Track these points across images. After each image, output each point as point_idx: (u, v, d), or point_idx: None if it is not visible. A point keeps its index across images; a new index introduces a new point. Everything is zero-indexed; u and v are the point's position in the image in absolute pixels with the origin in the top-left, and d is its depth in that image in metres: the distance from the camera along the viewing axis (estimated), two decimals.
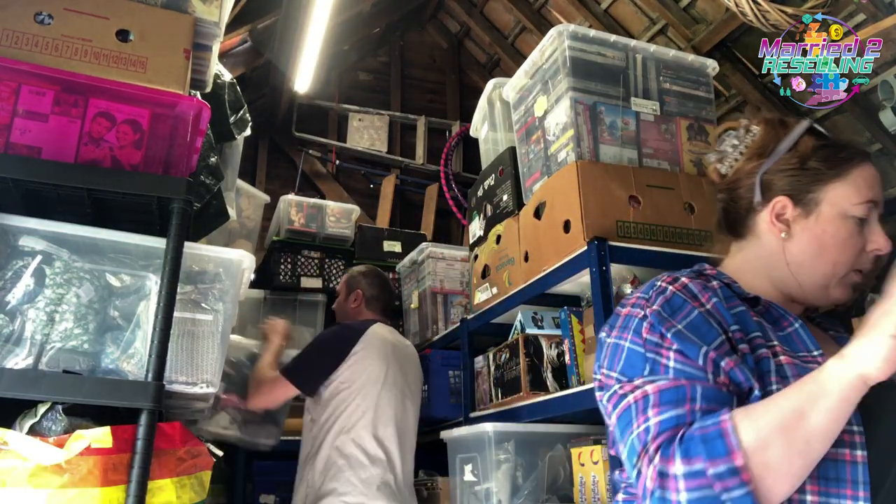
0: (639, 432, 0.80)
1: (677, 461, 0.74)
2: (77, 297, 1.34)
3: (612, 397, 0.88)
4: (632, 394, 0.84)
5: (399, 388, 2.23)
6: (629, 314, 0.93)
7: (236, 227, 3.02)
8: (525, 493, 1.93)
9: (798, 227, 0.97)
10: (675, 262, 1.74)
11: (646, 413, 0.81)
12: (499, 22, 4.45)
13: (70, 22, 1.42)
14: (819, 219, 0.96)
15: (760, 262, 1.01)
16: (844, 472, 0.80)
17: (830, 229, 0.95)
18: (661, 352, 0.86)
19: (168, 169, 1.44)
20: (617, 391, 0.87)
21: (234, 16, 3.08)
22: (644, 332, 0.88)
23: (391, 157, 4.62)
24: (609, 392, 0.90)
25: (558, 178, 1.84)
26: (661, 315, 0.88)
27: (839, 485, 0.80)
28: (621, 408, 0.85)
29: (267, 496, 2.93)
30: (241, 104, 2.20)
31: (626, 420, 0.83)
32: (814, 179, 0.97)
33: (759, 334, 0.90)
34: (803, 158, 0.98)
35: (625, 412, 0.84)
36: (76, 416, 1.27)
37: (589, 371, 1.78)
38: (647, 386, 0.83)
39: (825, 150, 0.99)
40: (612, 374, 0.90)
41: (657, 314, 0.89)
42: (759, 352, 0.87)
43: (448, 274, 3.07)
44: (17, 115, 1.35)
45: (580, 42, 1.90)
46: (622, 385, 0.87)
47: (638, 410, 0.82)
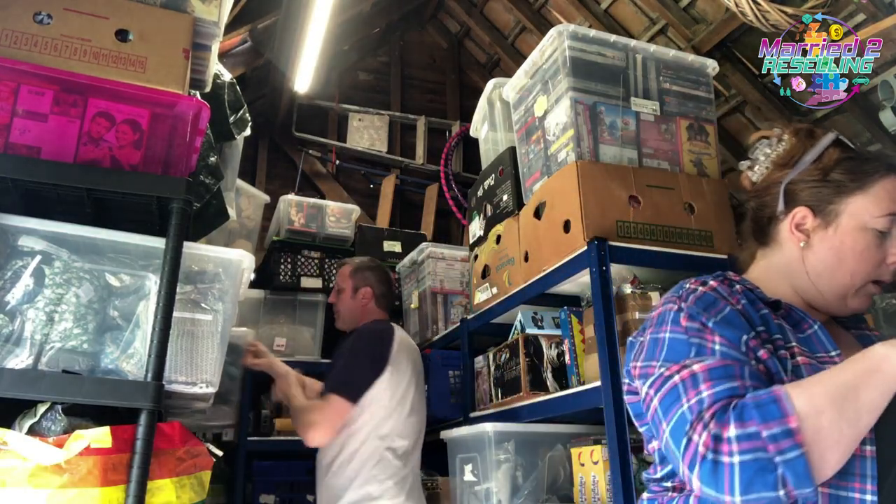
0: (691, 404, 0.82)
1: (731, 425, 0.76)
2: (77, 297, 1.34)
3: (655, 381, 0.89)
4: (678, 374, 0.86)
5: (421, 391, 2.24)
6: (663, 312, 0.96)
7: (236, 227, 3.02)
8: (525, 493, 1.93)
9: (817, 237, 1.00)
10: (675, 262, 1.75)
11: (697, 388, 0.83)
12: (499, 22, 4.45)
13: (69, 22, 1.42)
14: (838, 230, 0.98)
15: (782, 269, 1.04)
16: (853, 465, 0.81)
17: (849, 241, 0.97)
18: (705, 336, 0.89)
19: (167, 169, 1.44)
20: (662, 373, 0.88)
21: (234, 16, 3.08)
22: (683, 321, 0.91)
23: (391, 157, 4.62)
24: (651, 378, 0.90)
25: (558, 178, 1.84)
26: (697, 308, 0.92)
27: (848, 478, 0.81)
28: (667, 388, 0.86)
29: (267, 496, 2.93)
30: (241, 104, 2.20)
31: (674, 397, 0.85)
32: (835, 191, 0.99)
33: (780, 336, 0.93)
34: (826, 170, 1.01)
35: (671, 391, 0.85)
36: (76, 416, 1.27)
37: (589, 371, 1.78)
38: (694, 365, 0.85)
39: (849, 162, 1.01)
40: (653, 363, 0.91)
41: (693, 307, 0.92)
42: (779, 353, 0.90)
43: (448, 274, 3.07)
44: (17, 115, 1.35)
45: (580, 42, 1.89)
46: (668, 368, 0.88)
47: (687, 387, 0.84)
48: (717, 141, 2.01)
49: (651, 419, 0.91)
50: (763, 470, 0.74)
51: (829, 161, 1.01)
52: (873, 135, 2.77)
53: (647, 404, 0.91)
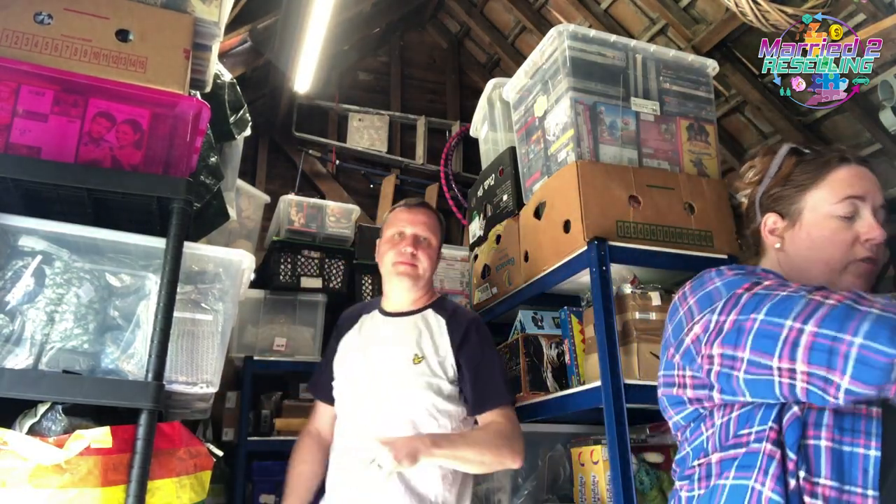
0: (792, 290, 0.87)
1: (866, 297, 0.81)
2: (77, 297, 1.34)
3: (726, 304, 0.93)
4: (752, 290, 0.91)
5: None
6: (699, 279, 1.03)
7: (236, 227, 3.02)
8: (525, 493, 1.93)
9: (788, 236, 1.10)
10: (675, 262, 1.75)
11: (786, 285, 0.89)
12: (499, 22, 4.45)
13: (70, 22, 1.42)
14: (803, 225, 1.08)
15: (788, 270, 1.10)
16: (860, 423, 0.86)
17: (815, 232, 1.06)
18: (759, 273, 0.97)
19: (168, 169, 1.44)
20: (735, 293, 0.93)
21: (234, 16, 3.08)
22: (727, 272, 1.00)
23: (391, 157, 4.62)
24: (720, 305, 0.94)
25: (558, 178, 1.84)
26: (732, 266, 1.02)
27: (854, 435, 0.86)
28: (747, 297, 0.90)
29: (267, 496, 2.93)
30: (241, 104, 2.20)
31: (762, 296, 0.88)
32: (796, 192, 1.10)
33: None
34: (786, 176, 1.13)
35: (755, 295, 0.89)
36: (76, 416, 1.27)
37: (589, 371, 1.78)
38: (764, 282, 0.92)
39: (804, 164, 1.12)
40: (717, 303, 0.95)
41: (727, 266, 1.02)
42: None
43: (448, 274, 3.08)
44: (17, 115, 1.35)
45: (580, 42, 1.90)
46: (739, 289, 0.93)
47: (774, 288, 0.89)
48: (717, 141, 2.01)
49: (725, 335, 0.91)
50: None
51: (787, 168, 1.13)
52: (873, 135, 2.77)
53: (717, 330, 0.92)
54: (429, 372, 1.62)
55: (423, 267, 1.75)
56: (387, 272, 1.77)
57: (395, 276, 1.74)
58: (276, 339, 3.11)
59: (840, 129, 2.95)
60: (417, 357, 1.65)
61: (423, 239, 1.77)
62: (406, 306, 1.78)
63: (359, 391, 1.67)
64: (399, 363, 1.65)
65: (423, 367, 1.63)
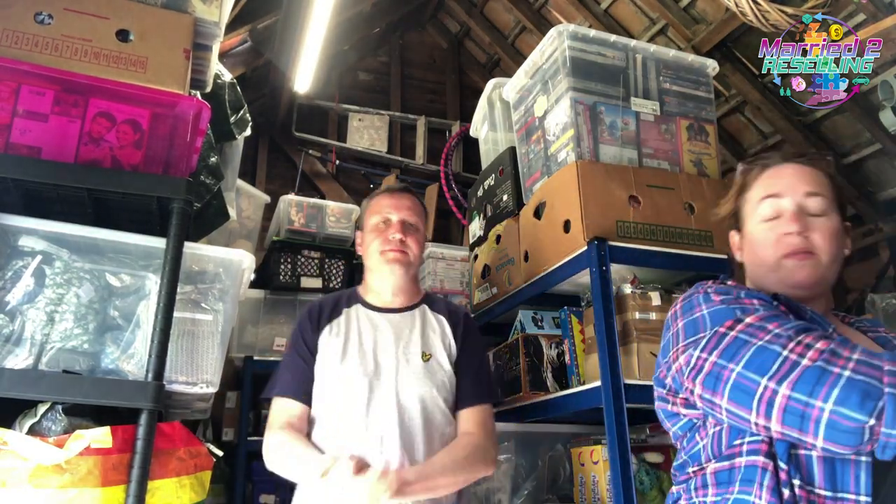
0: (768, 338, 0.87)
1: (853, 351, 0.82)
2: (77, 297, 1.34)
3: (708, 343, 0.94)
4: (733, 329, 0.92)
5: None
6: (689, 299, 1.04)
7: (236, 227, 3.02)
8: (525, 493, 1.93)
9: (744, 249, 1.15)
10: (675, 262, 1.75)
11: (765, 328, 0.89)
12: (499, 22, 4.45)
13: (70, 22, 1.42)
14: (745, 236, 1.13)
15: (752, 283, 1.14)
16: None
17: (750, 238, 1.11)
18: (743, 301, 0.97)
19: (168, 169, 1.44)
20: (717, 331, 0.94)
21: (234, 16, 3.08)
22: (715, 297, 1.00)
23: (391, 157, 4.62)
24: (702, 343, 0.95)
25: (558, 178, 1.84)
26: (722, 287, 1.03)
27: None
28: (727, 341, 0.91)
29: (267, 496, 2.93)
30: (241, 104, 2.21)
31: (740, 343, 0.90)
32: (741, 206, 1.15)
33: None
34: (735, 194, 1.18)
35: (734, 341, 0.91)
36: (76, 416, 1.27)
37: (589, 371, 1.78)
38: (747, 318, 0.92)
39: (743, 177, 1.17)
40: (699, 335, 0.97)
41: (718, 287, 1.03)
42: None
43: (448, 274, 3.07)
44: (18, 115, 1.35)
45: (580, 42, 1.90)
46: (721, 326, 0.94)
47: (753, 332, 0.90)
48: (717, 141, 2.01)
49: (704, 377, 0.93)
50: (868, 394, 0.77)
51: (737, 187, 1.18)
52: (873, 135, 2.77)
53: (698, 368, 0.94)
54: (440, 370, 1.60)
55: (413, 253, 1.69)
56: (375, 262, 1.69)
57: (385, 264, 1.66)
58: (276, 339, 3.11)
59: (840, 129, 2.95)
60: (426, 355, 1.61)
61: (411, 225, 1.70)
62: (399, 301, 1.70)
63: (359, 392, 1.53)
64: (410, 361, 1.59)
65: (434, 364, 1.60)
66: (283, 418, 1.54)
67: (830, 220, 1.05)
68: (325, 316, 1.66)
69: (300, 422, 1.55)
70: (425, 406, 1.54)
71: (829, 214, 1.05)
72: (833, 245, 1.03)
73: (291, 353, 1.62)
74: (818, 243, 1.03)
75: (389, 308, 1.68)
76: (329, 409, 1.55)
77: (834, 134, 2.99)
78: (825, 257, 1.02)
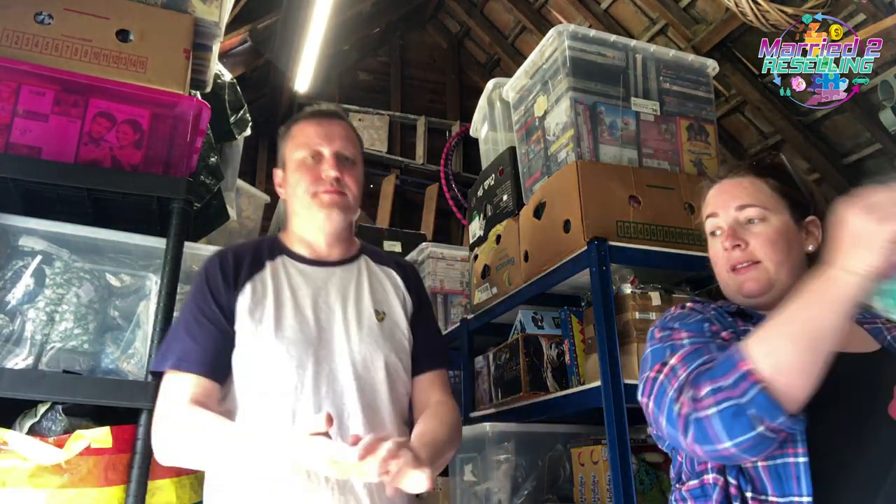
0: (674, 388, 0.92)
1: (703, 386, 0.86)
2: (77, 297, 1.34)
3: (645, 388, 0.99)
4: (661, 372, 0.97)
5: None
6: (651, 330, 1.09)
7: (236, 227, 3.02)
8: (525, 493, 1.93)
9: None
10: (675, 262, 1.75)
11: (676, 374, 0.93)
12: (499, 22, 4.45)
13: (70, 22, 1.42)
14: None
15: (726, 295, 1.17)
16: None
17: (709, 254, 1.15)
18: (674, 336, 1.01)
19: (168, 169, 1.44)
20: (649, 377, 0.99)
21: (234, 16, 3.08)
22: (657, 334, 1.05)
23: (391, 157, 4.62)
24: (643, 388, 1.01)
25: (558, 178, 1.84)
26: (664, 319, 1.08)
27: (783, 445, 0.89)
28: (656, 388, 0.96)
29: None
30: (241, 104, 2.21)
31: (661, 391, 0.94)
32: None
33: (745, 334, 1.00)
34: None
35: (659, 388, 0.95)
36: (76, 416, 1.27)
37: (589, 371, 1.78)
38: (671, 360, 0.97)
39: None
40: (644, 375, 1.02)
41: (661, 319, 1.08)
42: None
43: (448, 274, 3.07)
44: (18, 115, 1.35)
45: (580, 42, 1.89)
46: (652, 371, 0.99)
47: (669, 377, 0.94)
48: (717, 141, 2.01)
49: (654, 421, 0.98)
50: (737, 414, 0.82)
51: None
52: (873, 135, 2.77)
53: (646, 410, 0.99)
54: (397, 329, 1.35)
55: (352, 194, 1.36)
56: (304, 206, 1.35)
57: (320, 209, 1.33)
58: None
59: (840, 129, 2.95)
60: (380, 313, 1.34)
61: (347, 158, 1.37)
62: (337, 252, 1.38)
63: (304, 367, 1.21)
64: (362, 323, 1.31)
65: (389, 324, 1.34)
66: (188, 395, 1.15)
67: (769, 224, 1.06)
68: (243, 269, 1.28)
69: (211, 402, 1.17)
70: (389, 374, 1.28)
71: (768, 220, 1.06)
72: (777, 248, 1.04)
73: (194, 314, 1.22)
74: (759, 251, 1.04)
75: (325, 261, 1.36)
76: (262, 393, 1.19)
77: (834, 134, 2.99)
78: (770, 263, 1.03)
